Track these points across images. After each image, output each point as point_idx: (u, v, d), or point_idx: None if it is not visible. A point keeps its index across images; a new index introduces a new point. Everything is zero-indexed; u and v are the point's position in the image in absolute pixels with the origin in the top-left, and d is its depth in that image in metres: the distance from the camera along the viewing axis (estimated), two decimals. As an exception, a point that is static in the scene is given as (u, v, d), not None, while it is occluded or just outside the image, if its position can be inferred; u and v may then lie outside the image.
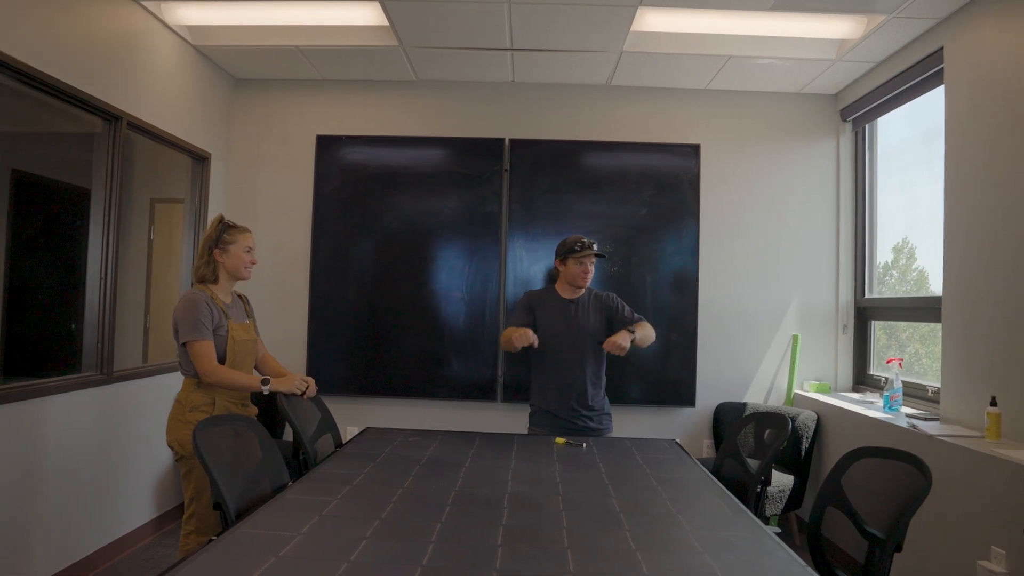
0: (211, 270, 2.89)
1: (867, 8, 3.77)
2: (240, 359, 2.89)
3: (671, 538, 1.96)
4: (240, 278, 2.96)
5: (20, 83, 3.15)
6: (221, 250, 2.89)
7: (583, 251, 3.43)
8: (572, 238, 3.51)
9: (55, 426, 3.37)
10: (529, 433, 3.53)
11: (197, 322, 2.74)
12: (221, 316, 2.84)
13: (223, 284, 2.93)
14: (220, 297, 2.89)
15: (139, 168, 4.16)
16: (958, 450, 3.09)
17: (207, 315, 2.77)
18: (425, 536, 1.88)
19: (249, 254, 2.96)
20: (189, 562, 1.66)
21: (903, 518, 1.84)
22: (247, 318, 3.05)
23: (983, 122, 3.42)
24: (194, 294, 2.82)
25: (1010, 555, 2.77)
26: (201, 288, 2.87)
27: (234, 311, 2.95)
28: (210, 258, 2.89)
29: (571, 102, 5.08)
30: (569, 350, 3.47)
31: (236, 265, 2.92)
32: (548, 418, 3.50)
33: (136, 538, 4.05)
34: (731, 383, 4.97)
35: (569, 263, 3.48)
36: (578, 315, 3.51)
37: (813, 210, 5.01)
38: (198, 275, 2.90)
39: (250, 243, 2.97)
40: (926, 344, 4.29)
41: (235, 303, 3.00)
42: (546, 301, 3.55)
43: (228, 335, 2.84)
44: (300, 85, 5.13)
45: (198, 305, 2.77)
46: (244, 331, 2.94)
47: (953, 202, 3.65)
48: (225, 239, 2.90)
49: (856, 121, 4.90)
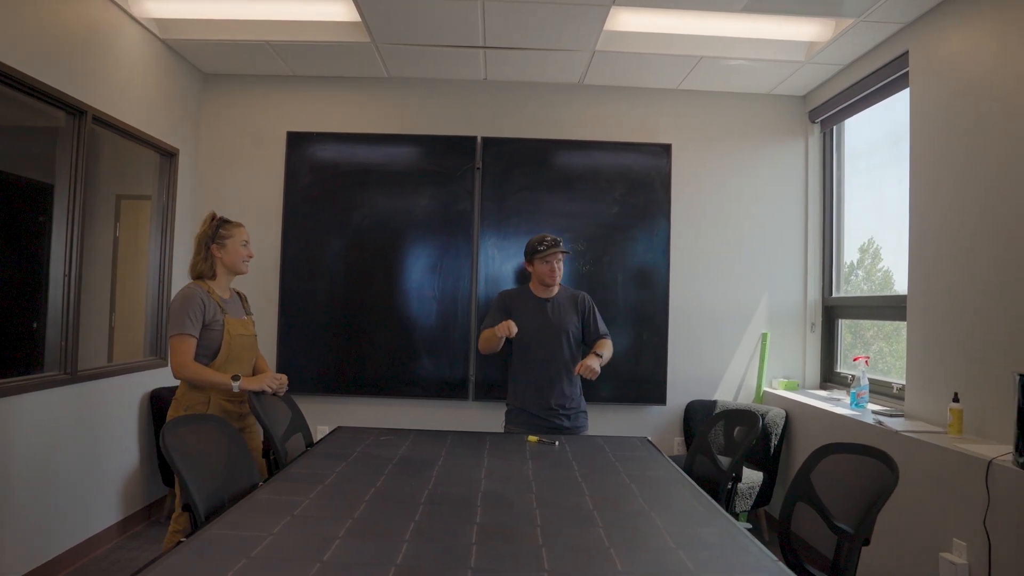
0: (209, 266, 2.94)
1: (835, 12, 3.82)
2: (237, 354, 2.91)
3: (644, 535, 1.97)
4: (238, 272, 3.00)
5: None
6: (218, 245, 2.94)
7: (547, 250, 3.46)
8: (536, 238, 3.53)
9: (18, 427, 3.29)
10: (505, 432, 3.54)
11: (184, 318, 2.77)
12: (217, 311, 2.87)
13: (221, 280, 2.97)
14: (218, 292, 2.93)
15: (105, 164, 4.07)
16: (922, 445, 3.16)
17: (198, 310, 2.79)
18: (399, 535, 1.87)
19: (246, 248, 3.01)
20: (159, 564, 1.63)
21: (871, 512, 1.88)
22: (245, 314, 3.08)
23: (947, 124, 3.50)
24: (190, 289, 2.86)
25: (971, 547, 2.84)
26: (199, 284, 2.90)
27: (232, 307, 2.99)
28: (207, 254, 2.93)
29: (544, 101, 5.08)
30: (545, 349, 3.49)
31: (234, 259, 2.96)
32: (524, 416, 3.51)
33: (103, 540, 3.97)
34: (701, 381, 5.02)
35: (536, 263, 3.51)
36: (553, 313, 3.53)
37: (782, 210, 5.08)
38: (195, 272, 2.95)
39: (246, 237, 3.01)
40: (891, 342, 4.38)
41: (233, 299, 3.05)
42: (520, 301, 3.57)
43: (224, 330, 2.85)
44: (270, 81, 5.07)
45: (191, 300, 2.80)
46: (242, 326, 2.97)
47: (918, 203, 3.72)
48: (221, 234, 2.94)
49: (824, 122, 4.98)
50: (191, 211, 4.96)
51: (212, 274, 2.94)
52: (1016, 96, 3.03)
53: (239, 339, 2.93)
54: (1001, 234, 3.09)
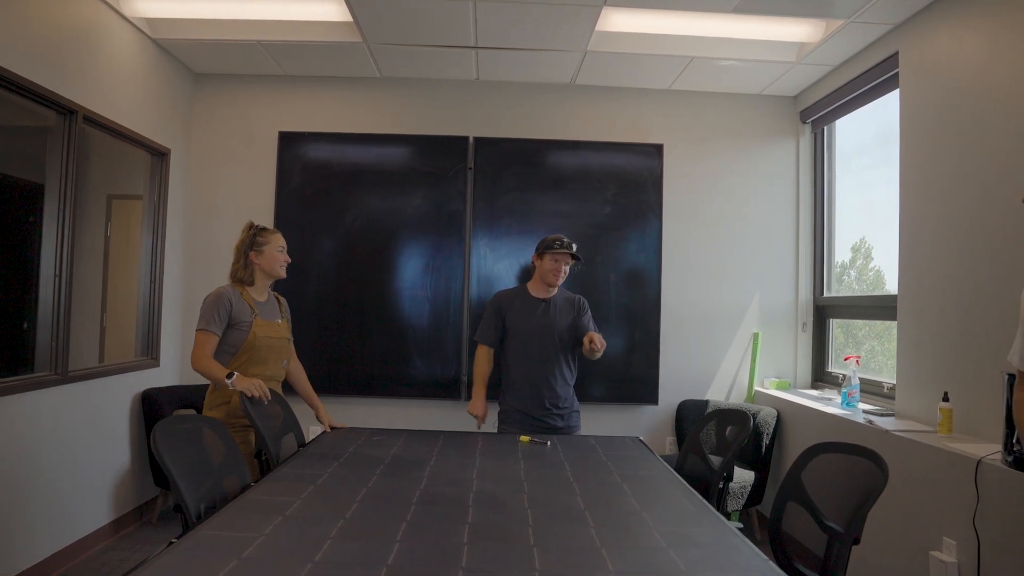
0: (248, 272, 3.09)
1: (826, 12, 3.84)
2: (262, 356, 3.03)
3: (636, 535, 1.97)
4: (276, 277, 3.15)
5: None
6: (256, 252, 3.08)
7: (560, 249, 3.48)
8: (553, 236, 3.57)
9: (9, 428, 3.27)
10: (499, 432, 3.55)
11: (210, 315, 2.92)
12: (247, 312, 3.00)
13: (259, 284, 3.12)
14: (253, 296, 3.07)
15: (95, 163, 4.06)
16: (912, 444, 3.18)
17: (224, 310, 2.93)
18: (390, 536, 1.87)
19: (282, 253, 3.15)
20: (149, 564, 1.62)
21: (861, 511, 1.89)
22: (280, 318, 3.18)
23: (937, 125, 3.52)
24: (222, 289, 3.01)
25: (960, 545, 2.86)
26: (234, 285, 3.06)
27: (265, 309, 3.12)
28: (247, 261, 3.08)
29: (536, 101, 5.09)
30: (540, 349, 3.51)
31: (271, 265, 3.10)
32: (519, 416, 3.52)
33: (93, 541, 3.95)
34: (693, 381, 5.03)
35: (545, 258, 3.52)
36: (548, 314, 3.54)
37: (773, 210, 5.10)
38: (235, 278, 3.10)
39: (282, 243, 3.16)
40: (882, 342, 4.40)
41: (269, 302, 3.18)
42: (516, 301, 3.58)
43: (251, 331, 2.98)
44: (262, 81, 5.06)
45: (220, 299, 2.95)
46: (272, 329, 3.09)
47: (908, 203, 3.74)
48: (259, 241, 3.09)
49: (815, 123, 5.00)
50: (182, 211, 4.95)
51: (251, 280, 3.09)
52: (1006, 96, 3.05)
53: (265, 340, 3.03)
54: (991, 234, 3.11)
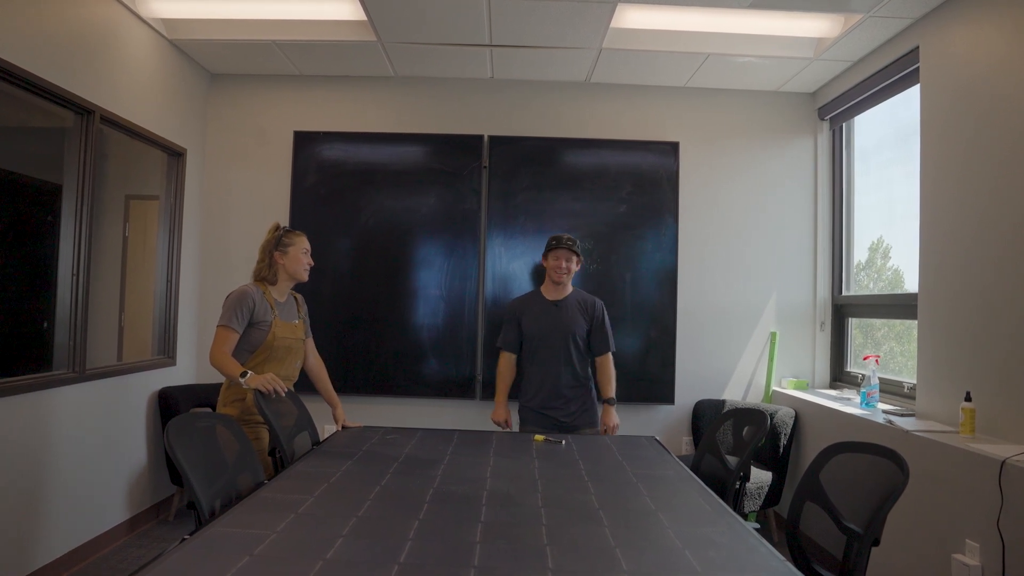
0: (272, 272, 3.11)
1: (844, 7, 3.79)
2: (279, 355, 3.06)
3: (651, 534, 1.95)
4: (299, 279, 3.16)
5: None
6: (281, 252, 3.10)
7: (556, 247, 3.62)
8: (554, 236, 3.70)
9: (27, 425, 3.30)
10: (520, 431, 3.65)
11: (232, 313, 2.94)
12: (268, 311, 3.02)
13: (281, 285, 3.14)
14: (274, 295, 3.10)
15: (113, 164, 4.09)
16: (933, 445, 3.12)
17: (247, 307, 2.96)
18: (403, 534, 1.85)
19: (306, 256, 3.17)
20: (162, 560, 1.62)
21: (881, 512, 1.85)
22: (296, 318, 3.20)
23: (958, 121, 3.46)
24: (246, 287, 3.04)
25: (984, 548, 2.80)
26: (257, 284, 3.08)
27: (284, 310, 3.14)
28: (271, 260, 3.11)
29: (550, 99, 5.07)
30: (552, 349, 3.63)
31: (295, 267, 3.12)
32: (534, 416, 3.64)
33: (110, 539, 3.98)
34: (710, 380, 4.99)
35: (549, 258, 3.67)
36: (562, 316, 3.65)
37: (791, 208, 5.04)
38: (259, 277, 3.12)
39: (307, 246, 3.18)
40: (901, 342, 4.34)
41: (288, 302, 3.19)
42: (531, 306, 3.71)
43: (270, 331, 3.00)
44: (277, 80, 5.07)
45: (244, 297, 2.97)
46: (289, 330, 3.11)
47: (929, 200, 3.68)
48: (284, 242, 3.11)
49: (833, 120, 4.94)
50: (198, 211, 4.97)
51: (274, 279, 3.11)
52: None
53: (283, 341, 3.06)
54: (1013, 231, 3.05)
